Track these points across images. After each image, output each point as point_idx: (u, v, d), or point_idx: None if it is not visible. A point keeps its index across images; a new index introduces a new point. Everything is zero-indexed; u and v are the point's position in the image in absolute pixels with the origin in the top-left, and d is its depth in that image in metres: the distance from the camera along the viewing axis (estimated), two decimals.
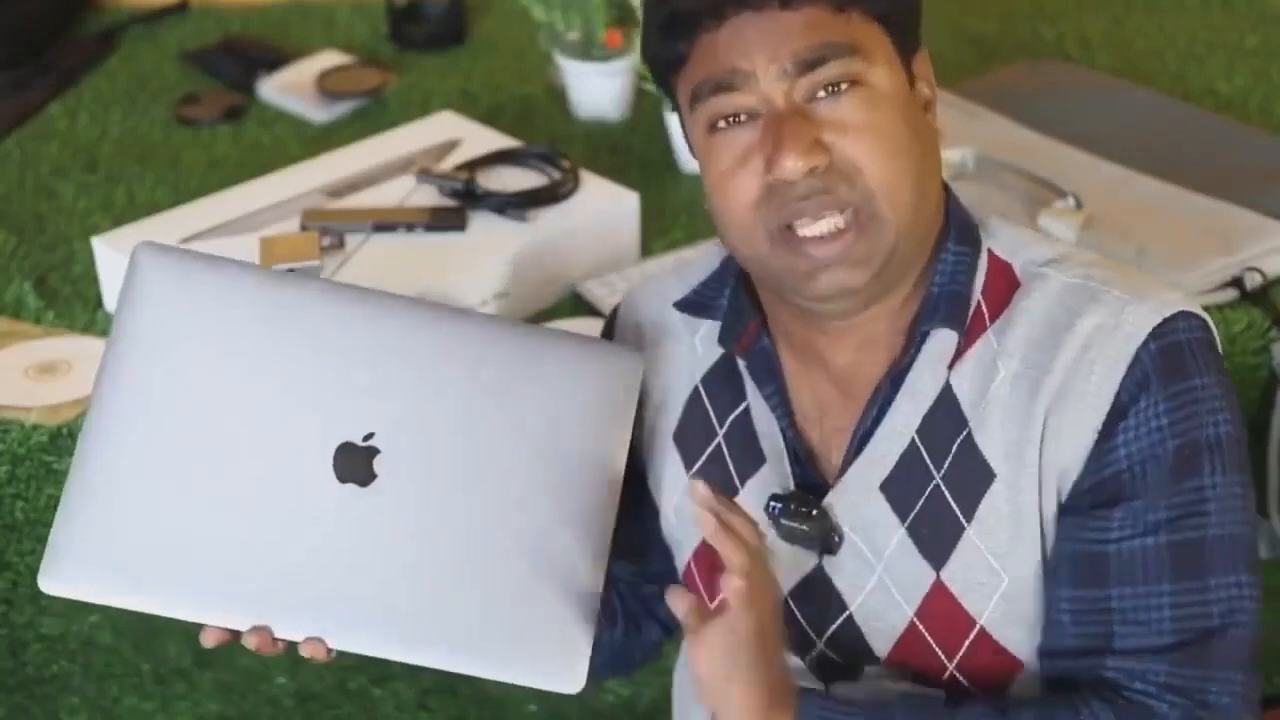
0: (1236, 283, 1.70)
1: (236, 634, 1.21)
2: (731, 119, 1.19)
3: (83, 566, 1.19)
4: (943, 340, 1.24)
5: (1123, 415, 1.18)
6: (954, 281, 1.24)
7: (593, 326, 1.68)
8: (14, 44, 2.31)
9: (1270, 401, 1.69)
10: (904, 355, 1.24)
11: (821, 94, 1.17)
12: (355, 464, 1.23)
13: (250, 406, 1.22)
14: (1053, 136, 1.92)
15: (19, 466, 1.62)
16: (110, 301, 1.76)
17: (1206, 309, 1.66)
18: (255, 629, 1.20)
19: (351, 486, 1.22)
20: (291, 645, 1.21)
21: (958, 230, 1.26)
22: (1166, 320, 1.20)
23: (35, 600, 1.69)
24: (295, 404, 1.23)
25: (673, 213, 1.90)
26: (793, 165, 1.15)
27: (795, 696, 1.20)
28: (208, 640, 1.21)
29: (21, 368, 1.67)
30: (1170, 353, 1.19)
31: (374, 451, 1.23)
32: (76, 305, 1.77)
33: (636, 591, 1.43)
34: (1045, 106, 1.99)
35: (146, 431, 1.21)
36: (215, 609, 1.21)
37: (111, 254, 1.72)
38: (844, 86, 1.17)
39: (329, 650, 1.21)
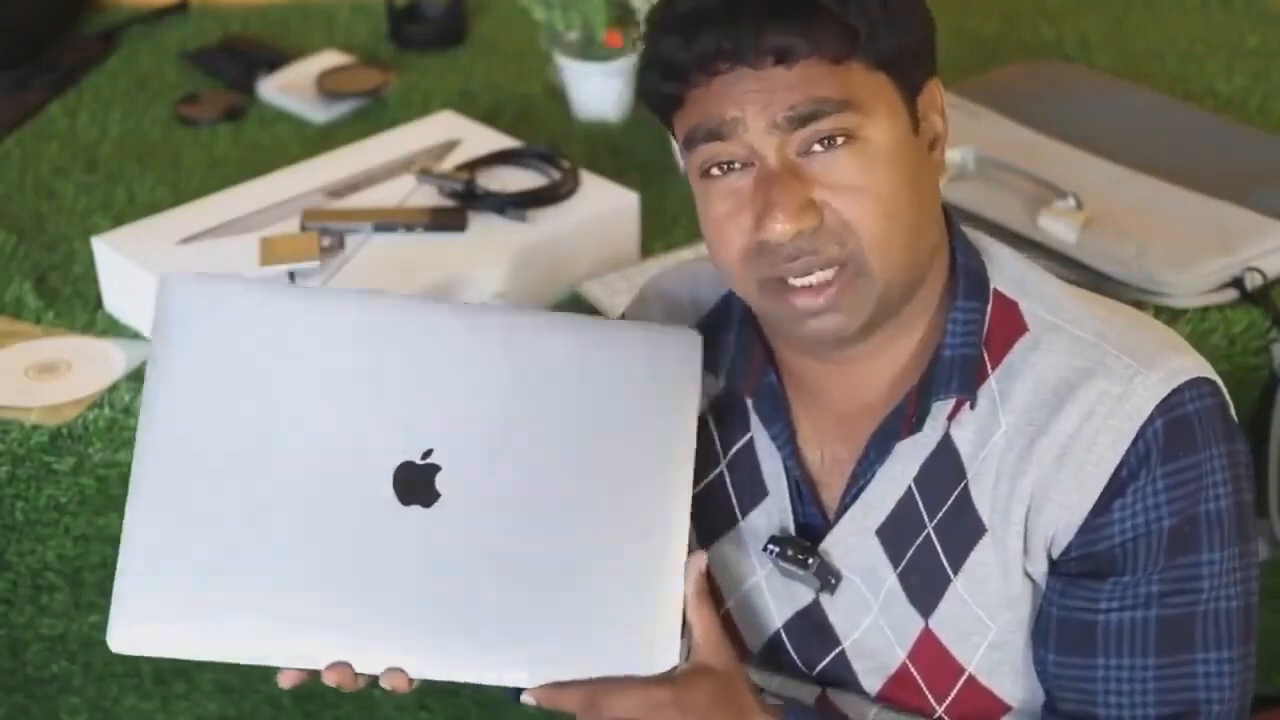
0: (1236, 283, 1.69)
1: (314, 672, 1.17)
2: (724, 165, 1.17)
3: (151, 623, 1.13)
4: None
5: (1119, 492, 1.17)
6: (965, 344, 1.21)
7: None
8: (14, 44, 2.32)
9: (1270, 401, 1.69)
10: (913, 425, 1.21)
11: (817, 147, 1.14)
12: (417, 484, 1.18)
13: (302, 434, 1.17)
14: (1053, 136, 1.92)
15: (19, 466, 1.61)
16: (110, 301, 1.76)
17: (1206, 309, 1.69)
18: (334, 666, 1.16)
19: (416, 509, 1.17)
20: (371, 679, 1.18)
21: (966, 282, 1.23)
22: (1175, 391, 1.17)
23: (35, 600, 1.69)
24: (347, 426, 1.18)
25: (673, 213, 1.90)
26: (781, 229, 1.14)
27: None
28: (285, 682, 1.17)
29: (21, 368, 1.67)
30: (1175, 427, 1.17)
31: (434, 469, 1.18)
32: (76, 305, 1.77)
33: None
34: (1045, 106, 1.98)
35: (198, 471, 1.16)
36: (292, 651, 1.15)
37: (111, 254, 1.72)
38: (839, 141, 1.14)
39: (410, 680, 1.17)
